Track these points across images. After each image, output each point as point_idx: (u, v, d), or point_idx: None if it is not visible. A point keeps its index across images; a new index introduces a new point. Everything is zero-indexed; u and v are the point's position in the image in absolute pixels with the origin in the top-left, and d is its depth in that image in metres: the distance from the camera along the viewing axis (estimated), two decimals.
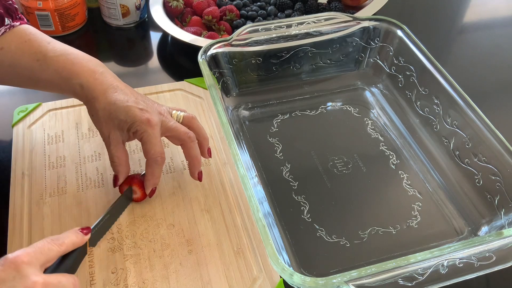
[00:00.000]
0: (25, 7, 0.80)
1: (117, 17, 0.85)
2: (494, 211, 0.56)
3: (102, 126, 0.54)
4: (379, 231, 0.57)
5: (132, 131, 0.54)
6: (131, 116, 0.53)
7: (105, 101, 0.53)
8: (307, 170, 0.64)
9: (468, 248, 0.46)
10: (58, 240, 0.45)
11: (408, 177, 0.64)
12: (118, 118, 0.53)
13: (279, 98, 0.73)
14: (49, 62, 0.54)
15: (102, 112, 0.53)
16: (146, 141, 0.54)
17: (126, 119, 0.53)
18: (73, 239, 0.47)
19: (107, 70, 0.56)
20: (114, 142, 0.54)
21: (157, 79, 0.78)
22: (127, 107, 0.53)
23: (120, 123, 0.53)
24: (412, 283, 0.45)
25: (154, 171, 0.55)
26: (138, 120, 0.53)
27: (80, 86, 0.53)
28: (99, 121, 0.54)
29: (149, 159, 0.54)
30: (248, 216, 0.58)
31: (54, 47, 0.55)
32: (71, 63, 0.54)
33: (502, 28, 0.95)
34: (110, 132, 0.54)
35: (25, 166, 0.61)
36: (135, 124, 0.53)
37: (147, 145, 0.54)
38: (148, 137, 0.53)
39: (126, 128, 0.53)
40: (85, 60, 0.55)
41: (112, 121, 0.53)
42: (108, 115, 0.53)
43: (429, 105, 0.66)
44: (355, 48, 0.74)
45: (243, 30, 0.67)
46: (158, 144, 0.54)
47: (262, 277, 0.52)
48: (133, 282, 0.51)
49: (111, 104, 0.53)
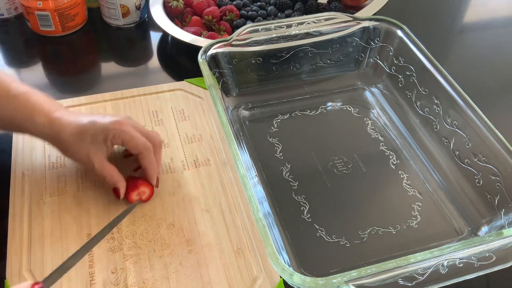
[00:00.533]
0: (25, 7, 0.80)
1: (117, 17, 0.85)
2: (494, 211, 0.56)
3: (77, 151, 0.55)
4: (379, 231, 0.57)
5: (110, 139, 0.55)
6: (101, 127, 0.54)
7: (70, 127, 0.54)
8: (307, 170, 0.64)
9: (468, 248, 0.46)
10: None
11: (408, 177, 0.64)
12: (89, 134, 0.54)
13: (279, 98, 0.73)
14: (11, 100, 0.54)
15: (72, 138, 0.54)
16: (128, 139, 0.55)
17: (97, 131, 0.54)
18: None
19: (64, 107, 0.58)
20: (96, 159, 0.55)
21: (157, 79, 0.78)
22: (92, 122, 0.54)
23: (93, 137, 0.54)
24: (412, 283, 0.45)
25: (150, 159, 0.56)
26: (109, 126, 0.54)
27: (42, 123, 0.54)
28: (71, 148, 0.55)
29: (140, 151, 0.55)
30: (248, 216, 0.58)
31: (17, 86, 0.55)
32: (32, 104, 0.55)
33: (502, 28, 0.95)
34: (88, 152, 0.54)
35: (25, 166, 0.61)
36: (108, 131, 0.54)
37: (131, 142, 0.55)
38: (127, 135, 0.55)
39: (102, 138, 0.54)
40: (46, 101, 0.56)
41: (85, 140, 0.54)
42: (78, 138, 0.54)
43: (429, 105, 0.66)
44: (355, 48, 0.74)
45: (243, 30, 0.67)
46: (139, 136, 0.55)
47: (262, 277, 0.52)
48: (133, 282, 0.51)
49: (77, 127, 0.54)
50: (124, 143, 0.55)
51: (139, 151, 0.56)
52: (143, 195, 0.58)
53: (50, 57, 0.82)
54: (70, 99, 0.70)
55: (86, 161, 0.55)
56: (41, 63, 0.81)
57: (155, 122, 0.68)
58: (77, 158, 0.56)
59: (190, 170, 0.62)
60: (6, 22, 0.86)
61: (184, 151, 0.64)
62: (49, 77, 0.78)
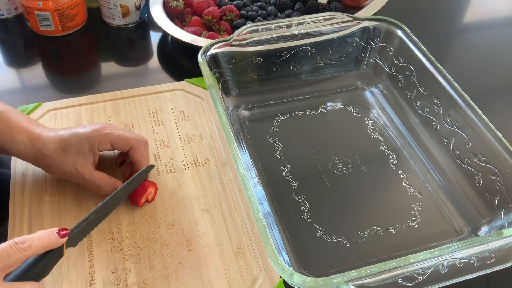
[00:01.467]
0: (25, 7, 0.80)
1: (117, 17, 0.85)
2: (494, 211, 0.56)
3: (62, 165, 0.54)
4: (379, 231, 0.57)
5: (96, 147, 0.54)
6: (84, 136, 0.54)
7: (52, 141, 0.54)
8: (307, 170, 0.64)
9: (468, 248, 0.46)
10: (24, 243, 0.42)
11: (408, 177, 0.64)
12: (74, 146, 0.54)
13: (279, 98, 0.73)
14: None
15: (55, 153, 0.53)
16: (115, 139, 0.55)
17: (81, 142, 0.54)
18: (45, 242, 0.44)
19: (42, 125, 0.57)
20: (85, 169, 0.54)
21: (157, 79, 0.78)
22: (74, 134, 0.54)
23: (77, 149, 0.54)
24: (412, 283, 0.45)
25: (141, 151, 0.57)
26: (91, 134, 0.54)
27: (23, 142, 0.53)
28: (54, 163, 0.54)
29: (131, 145, 0.56)
30: (248, 216, 0.58)
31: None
32: (12, 122, 0.54)
33: (502, 28, 0.95)
34: (75, 164, 0.54)
35: (25, 166, 0.61)
36: (93, 139, 0.54)
37: (120, 139, 0.55)
38: (113, 136, 0.55)
39: (87, 148, 0.54)
40: (24, 119, 0.55)
41: (69, 153, 0.54)
42: (62, 152, 0.53)
43: (429, 105, 0.66)
44: (355, 48, 0.74)
45: (243, 30, 0.67)
46: (124, 132, 0.56)
47: (262, 277, 0.53)
48: (133, 282, 0.51)
49: (59, 141, 0.54)
50: (113, 144, 0.55)
51: (130, 145, 0.56)
52: (150, 196, 0.58)
53: (50, 57, 0.82)
54: (70, 99, 0.70)
55: (74, 175, 0.54)
56: (41, 63, 0.81)
57: (155, 122, 0.68)
58: (62, 172, 0.55)
59: (190, 170, 0.62)
60: (6, 22, 0.86)
61: (184, 151, 0.65)
62: (49, 77, 0.78)
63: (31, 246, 0.43)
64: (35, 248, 0.43)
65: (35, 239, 0.43)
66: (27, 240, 0.43)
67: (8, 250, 0.41)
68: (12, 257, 0.41)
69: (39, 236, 0.44)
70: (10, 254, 0.41)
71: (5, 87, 0.75)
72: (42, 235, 0.44)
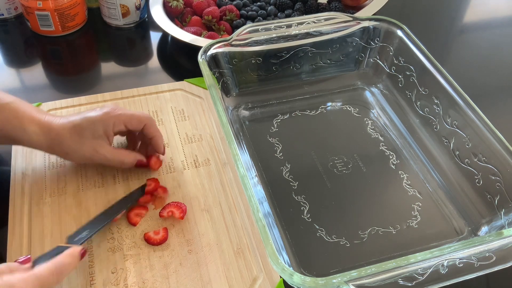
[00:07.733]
0: (25, 7, 0.80)
1: (117, 17, 0.85)
2: (494, 211, 0.56)
3: (80, 149, 0.55)
4: (379, 231, 0.57)
5: (111, 128, 0.55)
6: (97, 120, 0.55)
7: (65, 128, 0.54)
8: (307, 170, 0.64)
9: (468, 248, 0.46)
10: (60, 272, 0.45)
11: (408, 177, 0.64)
12: (89, 130, 0.54)
13: (279, 98, 0.73)
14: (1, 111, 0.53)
15: (72, 140, 0.54)
16: (128, 119, 0.56)
17: (95, 126, 0.54)
18: (72, 267, 0.47)
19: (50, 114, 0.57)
20: (106, 150, 0.56)
21: (157, 79, 0.78)
22: (87, 118, 0.55)
23: (93, 132, 0.54)
24: (412, 283, 0.45)
25: (155, 127, 0.59)
26: (104, 116, 0.55)
27: (35, 132, 0.54)
28: (72, 149, 0.55)
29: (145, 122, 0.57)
30: (248, 216, 0.58)
31: (3, 96, 0.54)
32: (22, 113, 0.54)
33: (502, 28, 0.95)
34: (94, 147, 0.55)
35: (25, 166, 0.61)
36: (106, 121, 0.55)
37: (133, 118, 0.56)
38: (126, 116, 0.56)
39: (102, 131, 0.55)
40: (33, 110, 0.55)
41: (86, 137, 0.54)
42: (78, 137, 0.54)
43: (429, 105, 0.66)
44: (355, 48, 0.74)
45: (243, 30, 0.67)
46: (135, 111, 0.57)
47: (262, 277, 0.52)
48: (133, 282, 0.51)
49: (73, 127, 0.54)
50: (127, 124, 0.56)
51: (144, 123, 0.57)
52: (155, 165, 0.61)
53: (50, 57, 0.82)
54: (70, 99, 0.70)
55: (96, 157, 0.56)
56: (41, 63, 0.81)
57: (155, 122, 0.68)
58: (82, 156, 0.56)
59: (190, 170, 0.62)
60: (6, 22, 0.86)
61: (184, 151, 0.65)
62: (49, 77, 0.78)
63: (63, 273, 0.45)
64: (66, 275, 0.46)
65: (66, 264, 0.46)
66: (59, 266, 0.45)
67: (49, 279, 0.44)
68: (50, 285, 0.44)
69: (68, 262, 0.46)
70: (49, 283, 0.44)
71: (5, 87, 0.75)
72: (69, 260, 0.46)
